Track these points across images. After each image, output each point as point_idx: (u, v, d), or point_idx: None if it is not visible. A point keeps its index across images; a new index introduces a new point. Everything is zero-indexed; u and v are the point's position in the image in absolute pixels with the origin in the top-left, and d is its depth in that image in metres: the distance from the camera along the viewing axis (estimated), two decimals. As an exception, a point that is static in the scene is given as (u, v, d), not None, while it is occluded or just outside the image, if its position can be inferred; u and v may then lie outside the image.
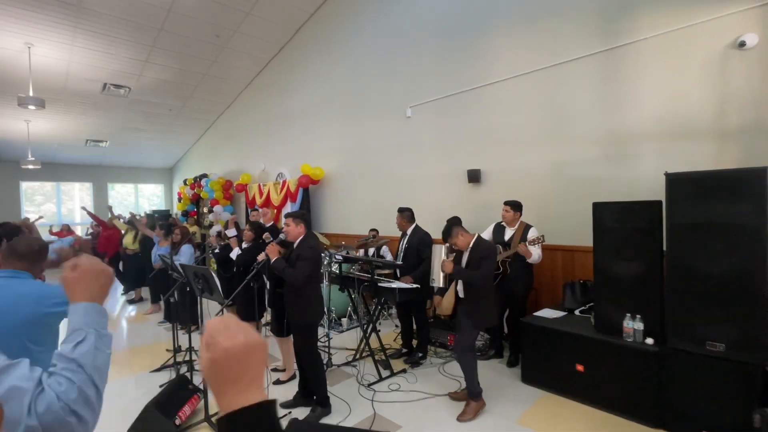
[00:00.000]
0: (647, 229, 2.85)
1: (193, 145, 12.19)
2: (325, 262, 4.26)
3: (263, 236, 4.08)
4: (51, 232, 8.28)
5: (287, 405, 3.12)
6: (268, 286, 3.95)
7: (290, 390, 3.37)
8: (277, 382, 3.55)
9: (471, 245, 2.94)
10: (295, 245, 2.98)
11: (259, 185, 8.04)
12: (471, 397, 2.91)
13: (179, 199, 11.39)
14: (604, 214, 3.05)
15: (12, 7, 5.58)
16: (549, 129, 4.13)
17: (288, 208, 7.11)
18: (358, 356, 3.98)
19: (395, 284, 3.41)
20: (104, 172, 12.95)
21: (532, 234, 3.61)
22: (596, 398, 2.97)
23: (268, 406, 0.54)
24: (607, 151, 3.75)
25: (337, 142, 6.71)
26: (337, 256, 4.02)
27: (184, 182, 11.20)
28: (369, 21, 6.05)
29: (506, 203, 3.76)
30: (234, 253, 4.19)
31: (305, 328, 3.00)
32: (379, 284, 3.47)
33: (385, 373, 3.60)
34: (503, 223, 3.81)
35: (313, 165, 6.91)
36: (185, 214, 10.63)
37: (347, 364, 3.90)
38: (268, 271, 3.19)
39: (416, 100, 5.33)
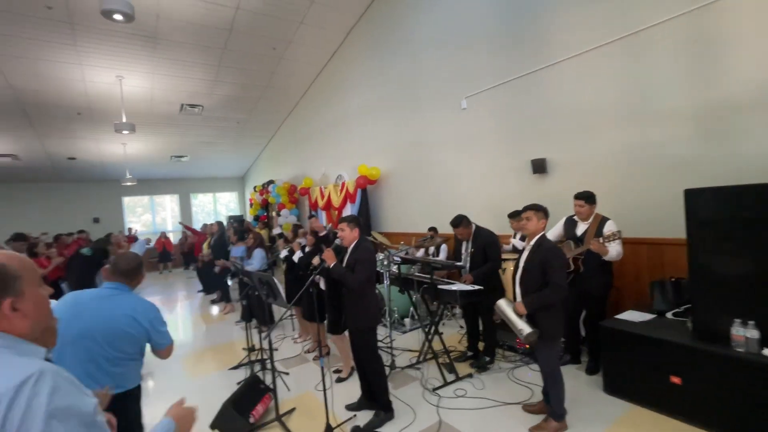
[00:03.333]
0: (758, 218, 2.38)
1: (260, 153, 13.00)
2: (385, 263, 4.25)
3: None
4: (148, 242, 9.50)
5: (352, 407, 3.15)
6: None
7: (353, 389, 3.41)
8: (339, 380, 3.62)
9: (532, 245, 2.65)
10: (350, 249, 2.99)
11: (320, 188, 8.31)
12: (553, 417, 2.65)
13: (251, 205, 12.23)
14: (701, 201, 2.61)
15: (105, 45, 6.37)
16: (625, 108, 3.66)
17: (348, 209, 7.24)
18: (421, 359, 3.91)
19: (455, 286, 3.27)
20: (187, 183, 14.38)
21: (608, 228, 3.23)
22: (697, 416, 2.57)
23: None
24: (700, 127, 3.22)
25: (392, 140, 6.67)
26: (395, 258, 3.98)
27: (254, 189, 12.00)
28: (419, 14, 5.89)
29: (578, 197, 3.36)
30: (296, 257, 4.35)
31: (364, 331, 3.00)
32: (439, 286, 3.36)
33: (450, 377, 3.49)
34: (575, 217, 3.46)
35: (369, 165, 6.95)
36: (257, 218, 11.39)
37: (411, 366, 3.84)
38: (325, 274, 3.24)
39: (471, 90, 5.08)
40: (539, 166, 4.33)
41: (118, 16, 4.39)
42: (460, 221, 3.74)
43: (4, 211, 11.22)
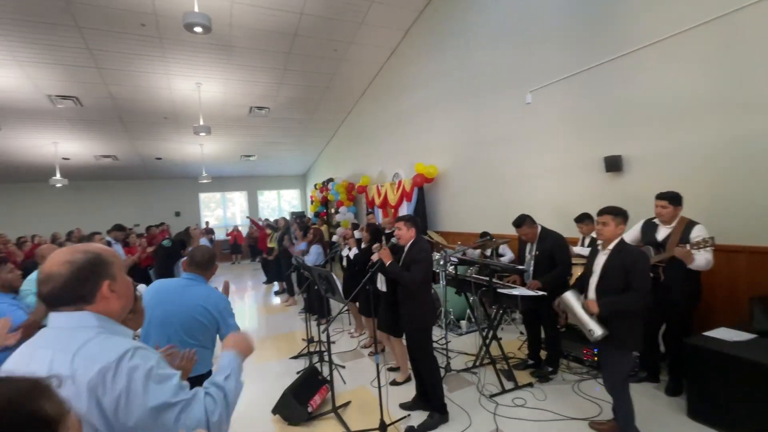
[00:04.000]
0: None
1: (321, 152, 13.49)
2: (441, 263, 4.18)
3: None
4: (227, 234, 10.39)
5: (406, 407, 3.15)
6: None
7: (408, 388, 3.41)
8: (394, 382, 3.63)
9: (611, 250, 2.42)
10: (406, 248, 2.98)
11: (377, 186, 8.41)
12: None
13: (311, 202, 12.76)
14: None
15: (186, 55, 7.00)
16: (719, 96, 3.22)
17: (404, 207, 7.25)
18: (478, 363, 3.79)
19: (517, 291, 3.11)
20: (254, 181, 15.39)
21: (697, 233, 2.86)
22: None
23: None
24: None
25: (450, 138, 6.54)
26: (452, 258, 3.89)
27: (315, 186, 12.49)
28: (481, 7, 5.69)
29: (661, 197, 3.00)
30: (351, 253, 4.45)
31: (420, 331, 2.98)
32: (499, 290, 3.22)
33: (508, 384, 3.34)
34: (656, 220, 3.12)
35: (426, 163, 6.89)
36: (317, 214, 11.86)
37: (467, 370, 3.75)
38: (381, 273, 3.27)
39: (537, 83, 4.79)
40: (613, 164, 3.97)
41: (198, 29, 4.79)
42: (523, 221, 3.55)
43: (106, 204, 12.88)
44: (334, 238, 7.38)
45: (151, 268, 6.34)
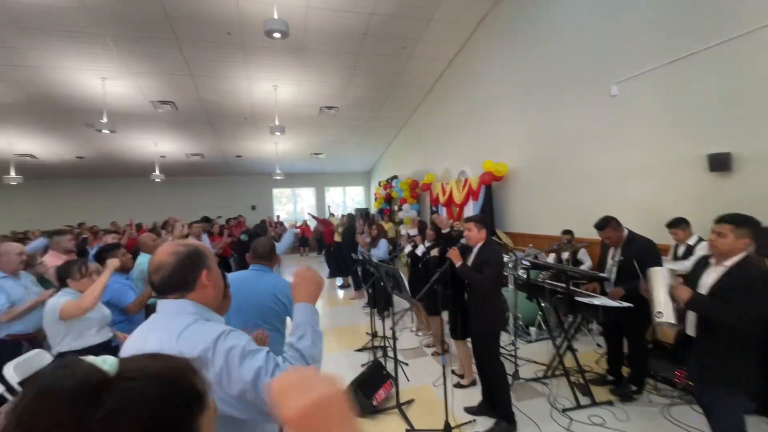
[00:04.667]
0: None
1: (385, 149, 13.66)
2: (510, 265, 4.01)
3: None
4: (296, 226, 11.03)
5: (471, 411, 3.08)
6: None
7: (472, 391, 3.33)
8: (458, 385, 3.56)
9: (731, 265, 1.99)
10: (475, 250, 2.90)
11: (442, 184, 8.30)
12: None
13: (375, 199, 12.99)
14: None
15: (265, 60, 7.49)
16: None
17: (470, 206, 7.06)
18: (549, 373, 3.58)
19: (598, 300, 2.87)
20: (322, 178, 16.07)
21: None
22: None
23: None
24: None
25: (523, 134, 6.22)
26: (524, 261, 3.71)
27: (379, 183, 12.69)
28: (560, -7, 5.31)
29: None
30: (419, 250, 4.44)
31: (488, 335, 2.89)
32: (577, 298, 3.00)
33: (584, 400, 3.11)
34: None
35: (495, 161, 6.63)
36: (380, 211, 12.05)
37: (537, 380, 3.56)
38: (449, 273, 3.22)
39: (624, 73, 4.36)
40: (720, 162, 3.47)
41: (276, 34, 5.09)
42: (606, 223, 3.26)
43: (194, 197, 14.35)
44: (403, 231, 7.42)
45: (231, 257, 6.94)
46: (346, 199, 16.99)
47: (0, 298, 2.82)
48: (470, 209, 7.03)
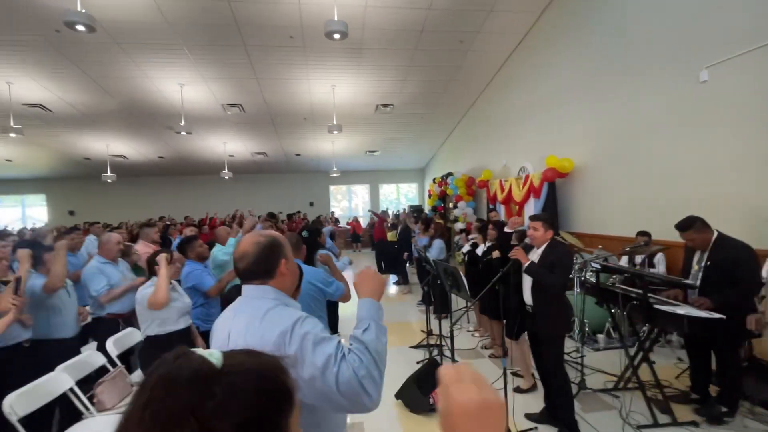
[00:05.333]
0: None
1: (440, 146, 13.49)
2: (577, 268, 3.77)
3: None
4: (348, 223, 11.34)
5: (532, 418, 2.96)
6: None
7: (531, 397, 3.18)
8: (518, 389, 3.43)
9: None
10: (541, 250, 2.77)
11: (501, 181, 8.01)
12: None
13: (429, 196, 12.89)
14: None
15: (324, 61, 7.72)
16: None
17: (531, 204, 6.74)
18: (621, 385, 3.32)
19: (683, 309, 2.60)
20: (376, 175, 16.29)
21: None
22: None
23: None
24: None
25: (592, 127, 5.79)
26: (593, 264, 3.46)
27: (433, 180, 12.56)
28: (638, -29, 4.85)
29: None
30: (480, 250, 4.33)
31: (552, 338, 2.75)
32: (656, 306, 2.74)
33: (663, 418, 2.84)
34: None
35: (560, 156, 6.25)
36: (434, 209, 11.93)
37: (605, 391, 3.32)
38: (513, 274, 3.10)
39: (716, 56, 3.87)
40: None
41: (336, 35, 5.23)
42: (690, 224, 2.95)
43: (257, 193, 15.28)
44: (458, 228, 7.30)
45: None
46: (399, 196, 17.06)
47: (101, 281, 3.23)
48: (531, 207, 6.71)
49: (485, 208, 9.04)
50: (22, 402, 2.07)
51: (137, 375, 2.98)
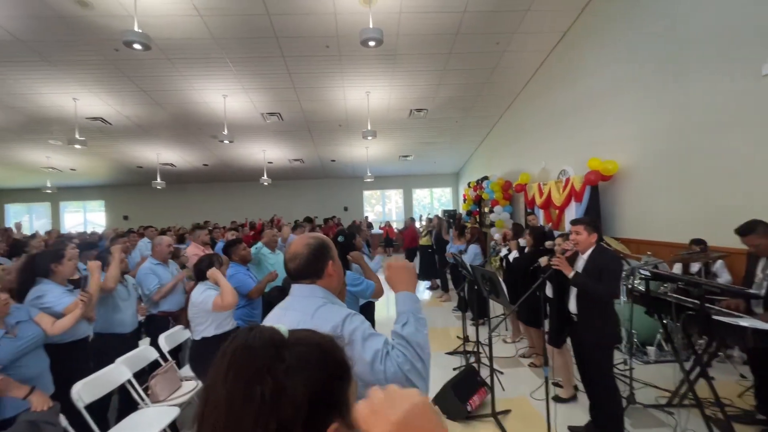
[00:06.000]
0: None
1: (475, 150, 13.29)
2: (625, 275, 3.58)
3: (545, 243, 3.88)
4: (380, 227, 11.42)
5: (577, 431, 2.82)
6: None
7: (574, 407, 3.04)
8: (557, 398, 3.29)
9: None
10: (586, 256, 2.65)
11: (539, 185, 7.76)
12: None
13: (464, 200, 12.71)
14: None
15: (359, 68, 7.86)
16: None
17: (572, 209, 6.48)
18: (675, 401, 3.10)
19: (746, 321, 2.40)
20: (409, 180, 16.28)
21: None
22: None
23: None
24: None
25: (638, 127, 5.50)
26: (642, 271, 3.27)
27: (468, 185, 12.38)
28: (689, -39, 4.58)
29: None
30: (511, 256, 4.21)
31: (599, 348, 2.62)
32: (715, 317, 2.55)
33: (723, 438, 2.62)
34: None
35: (603, 159, 5.98)
36: (469, 213, 11.75)
37: (658, 407, 3.11)
38: (554, 279, 2.99)
39: (782, 47, 3.57)
40: None
41: (371, 43, 5.31)
42: (752, 228, 2.73)
43: (294, 198, 15.73)
44: (496, 236, 7.15)
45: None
46: (432, 201, 16.94)
47: (153, 281, 3.44)
48: (572, 212, 6.46)
49: (523, 213, 8.78)
50: (87, 390, 2.25)
51: (186, 370, 3.15)
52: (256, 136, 11.06)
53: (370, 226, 14.47)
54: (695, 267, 3.87)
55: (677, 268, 4.08)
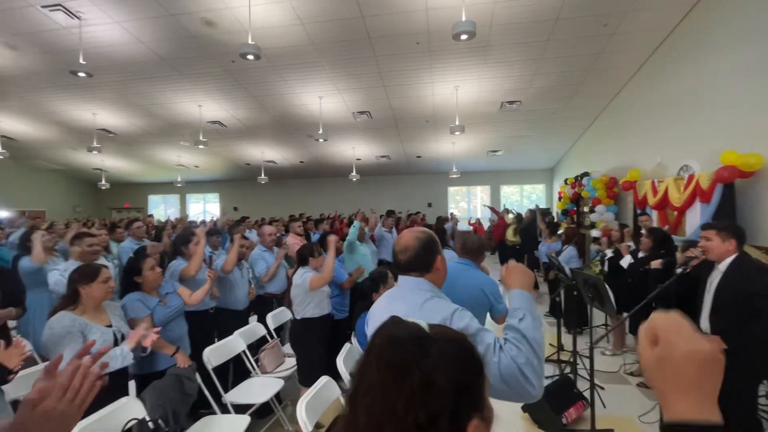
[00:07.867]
0: None
1: (573, 143, 12.20)
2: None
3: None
4: (469, 223, 11.19)
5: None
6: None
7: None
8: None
9: None
10: (722, 267, 2.27)
11: (653, 182, 6.82)
12: None
13: (559, 198, 11.76)
14: None
15: (448, 62, 7.74)
16: None
17: (696, 210, 5.57)
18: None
19: None
20: (498, 176, 15.61)
21: None
22: None
23: (717, 429, 0.48)
24: None
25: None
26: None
27: (565, 181, 11.42)
28: None
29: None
30: (625, 261, 3.79)
31: (740, 377, 2.23)
32: None
33: None
34: None
35: (742, 151, 5.01)
36: (564, 212, 10.85)
37: (814, 454, 2.55)
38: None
39: None
40: None
41: (464, 36, 5.18)
42: None
43: (380, 193, 16.21)
44: (594, 234, 6.52)
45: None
46: (522, 198, 16.01)
47: (262, 265, 3.87)
48: (696, 214, 5.55)
49: (631, 213, 7.82)
50: (215, 355, 2.65)
51: (287, 348, 3.49)
52: (346, 134, 11.64)
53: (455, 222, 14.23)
54: None
55: None
